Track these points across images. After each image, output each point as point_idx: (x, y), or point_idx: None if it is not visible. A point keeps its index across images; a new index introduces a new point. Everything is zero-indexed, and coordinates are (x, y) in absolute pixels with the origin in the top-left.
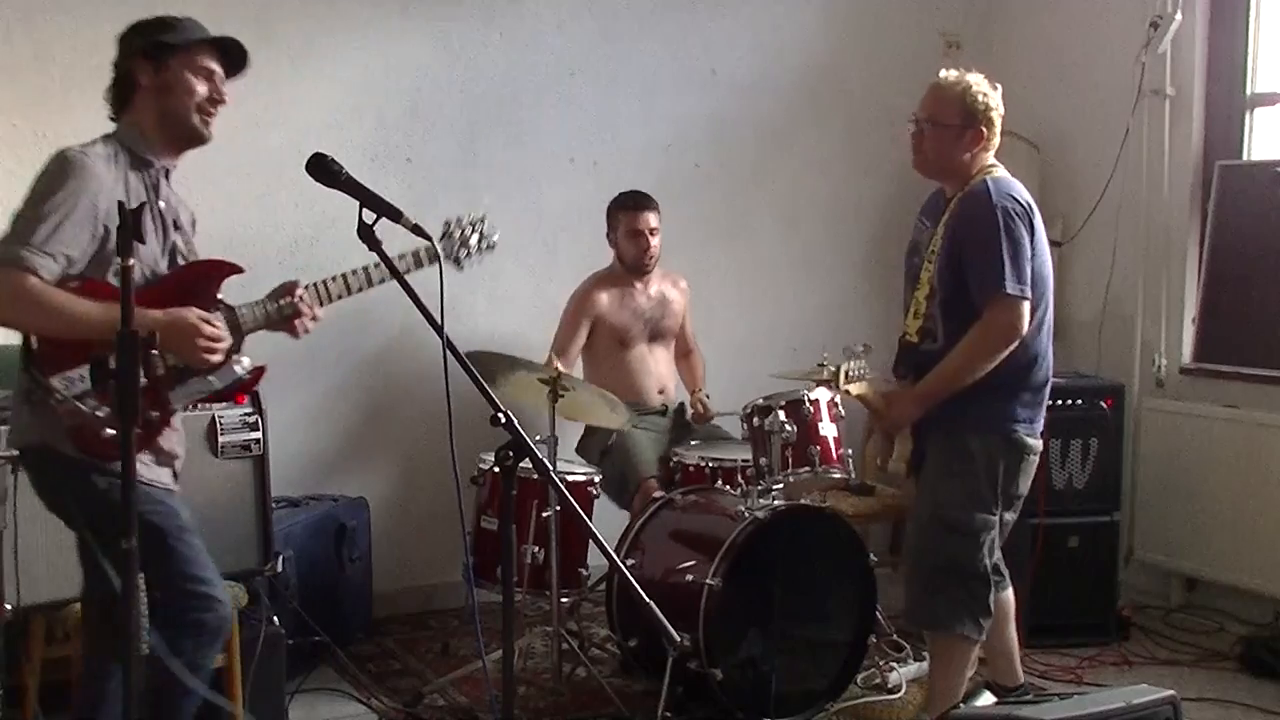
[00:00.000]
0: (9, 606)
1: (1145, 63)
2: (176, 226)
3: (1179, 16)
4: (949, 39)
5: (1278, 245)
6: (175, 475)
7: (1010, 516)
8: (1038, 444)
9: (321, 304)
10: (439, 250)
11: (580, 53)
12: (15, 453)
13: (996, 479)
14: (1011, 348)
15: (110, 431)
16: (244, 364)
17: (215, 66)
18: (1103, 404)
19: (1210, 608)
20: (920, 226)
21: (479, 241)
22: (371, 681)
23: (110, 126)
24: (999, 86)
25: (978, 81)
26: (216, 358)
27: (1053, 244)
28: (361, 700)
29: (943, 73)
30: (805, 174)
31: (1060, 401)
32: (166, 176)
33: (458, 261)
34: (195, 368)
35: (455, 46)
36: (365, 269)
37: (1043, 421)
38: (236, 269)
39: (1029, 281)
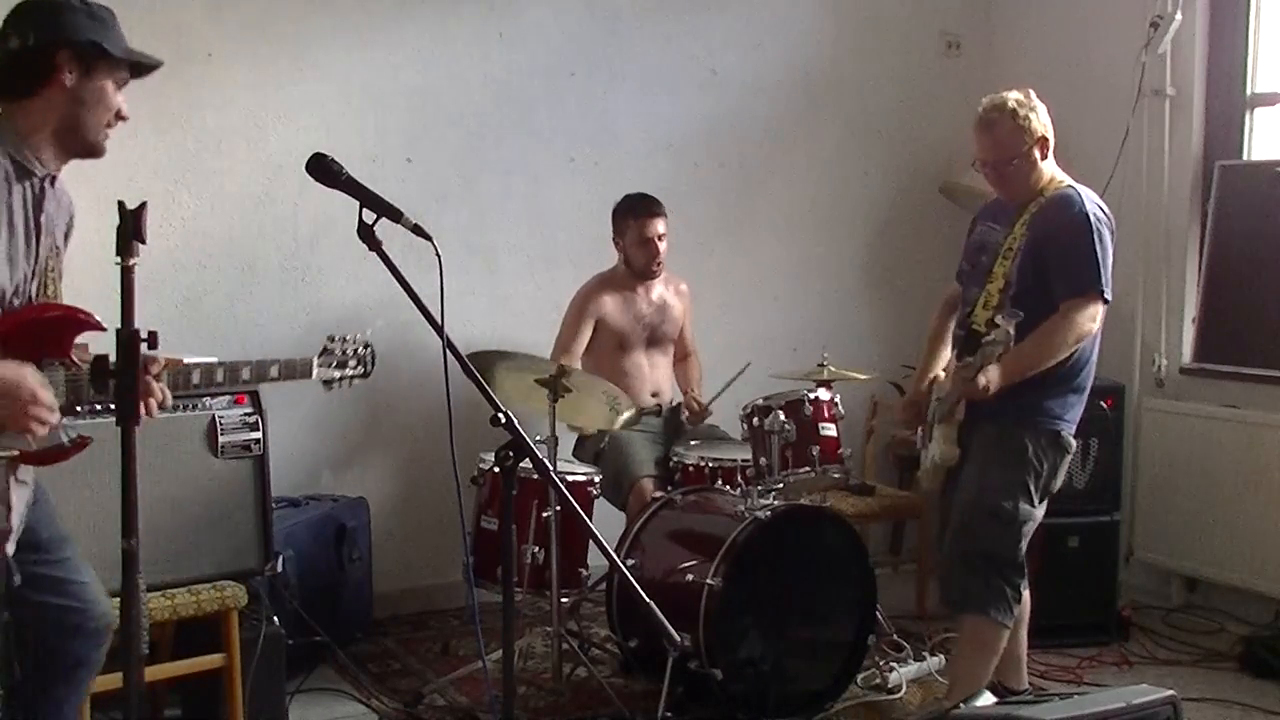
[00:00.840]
0: None
1: (1145, 63)
2: (54, 248)
3: (1179, 16)
4: (949, 39)
5: (1278, 245)
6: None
7: (1041, 514)
8: (1075, 445)
9: (175, 389)
10: (436, 248)
11: (580, 53)
12: (15, 452)
13: (1042, 473)
14: (1082, 345)
15: None
16: (68, 433)
17: (127, 77)
18: (1103, 404)
19: (1210, 608)
20: (987, 229)
21: (356, 367)
22: (371, 681)
23: None
24: (1029, 90)
25: (1015, 100)
26: (41, 430)
27: None
28: (361, 700)
29: (982, 107)
30: (805, 174)
31: None
32: (51, 183)
33: (326, 383)
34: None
35: (455, 46)
36: (231, 367)
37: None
38: (97, 327)
39: (1110, 288)
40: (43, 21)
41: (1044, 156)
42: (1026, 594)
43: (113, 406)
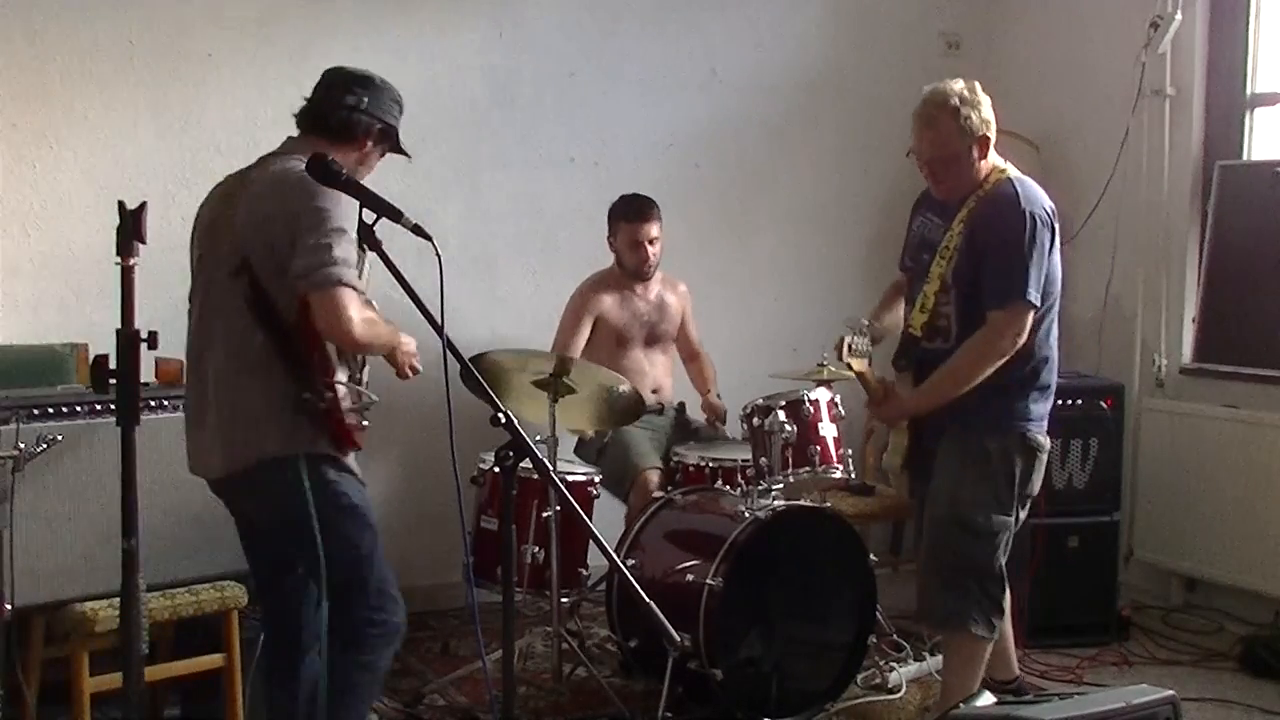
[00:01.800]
0: (9, 606)
1: (1145, 63)
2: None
3: (1179, 16)
4: (949, 39)
5: (1278, 245)
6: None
7: (1023, 514)
8: (1048, 443)
9: None
10: (436, 248)
11: (580, 53)
12: (15, 452)
13: (1014, 479)
14: (1009, 355)
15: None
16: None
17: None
18: (1103, 404)
19: (1210, 608)
20: (928, 223)
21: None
22: None
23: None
24: (974, 83)
25: (958, 96)
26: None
27: None
28: None
29: (923, 100)
30: (805, 174)
31: (1060, 401)
32: None
33: None
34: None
35: (455, 46)
36: None
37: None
38: None
39: (1042, 291)
40: (376, 95)
41: (983, 156)
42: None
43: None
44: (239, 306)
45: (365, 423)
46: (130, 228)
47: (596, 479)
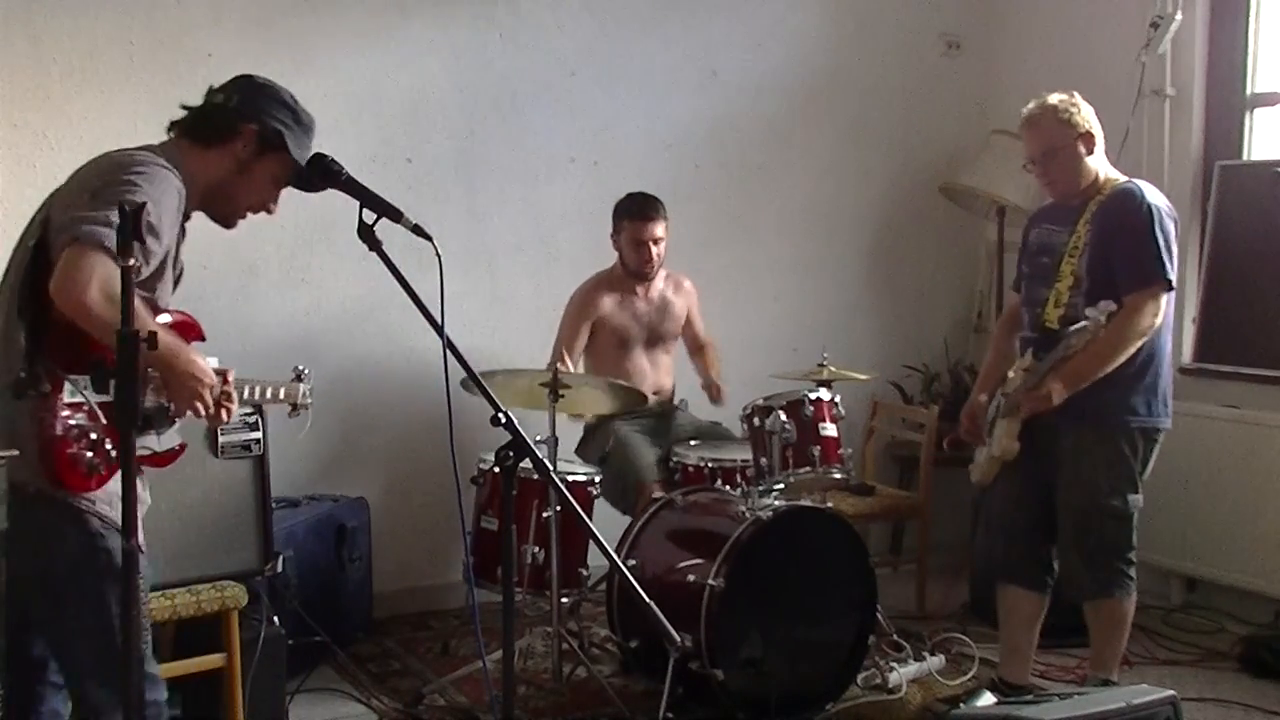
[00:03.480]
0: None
1: (1145, 63)
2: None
3: (1179, 16)
4: (949, 39)
5: (1278, 245)
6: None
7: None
8: (1168, 422)
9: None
10: (436, 248)
11: (580, 53)
12: (15, 452)
13: (1140, 465)
14: (1149, 335)
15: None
16: (175, 437)
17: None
18: None
19: (1210, 608)
20: (1045, 231)
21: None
22: (371, 681)
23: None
24: (1074, 92)
25: (1060, 100)
26: (200, 408)
27: None
28: (361, 700)
29: (1026, 109)
30: (805, 174)
31: None
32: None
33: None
34: (174, 414)
35: (455, 47)
36: (280, 388)
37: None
38: (201, 337)
39: (1175, 275)
40: (251, 94)
41: (1089, 151)
42: (1049, 591)
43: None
44: (18, 280)
45: (96, 461)
46: (130, 228)
47: (596, 479)
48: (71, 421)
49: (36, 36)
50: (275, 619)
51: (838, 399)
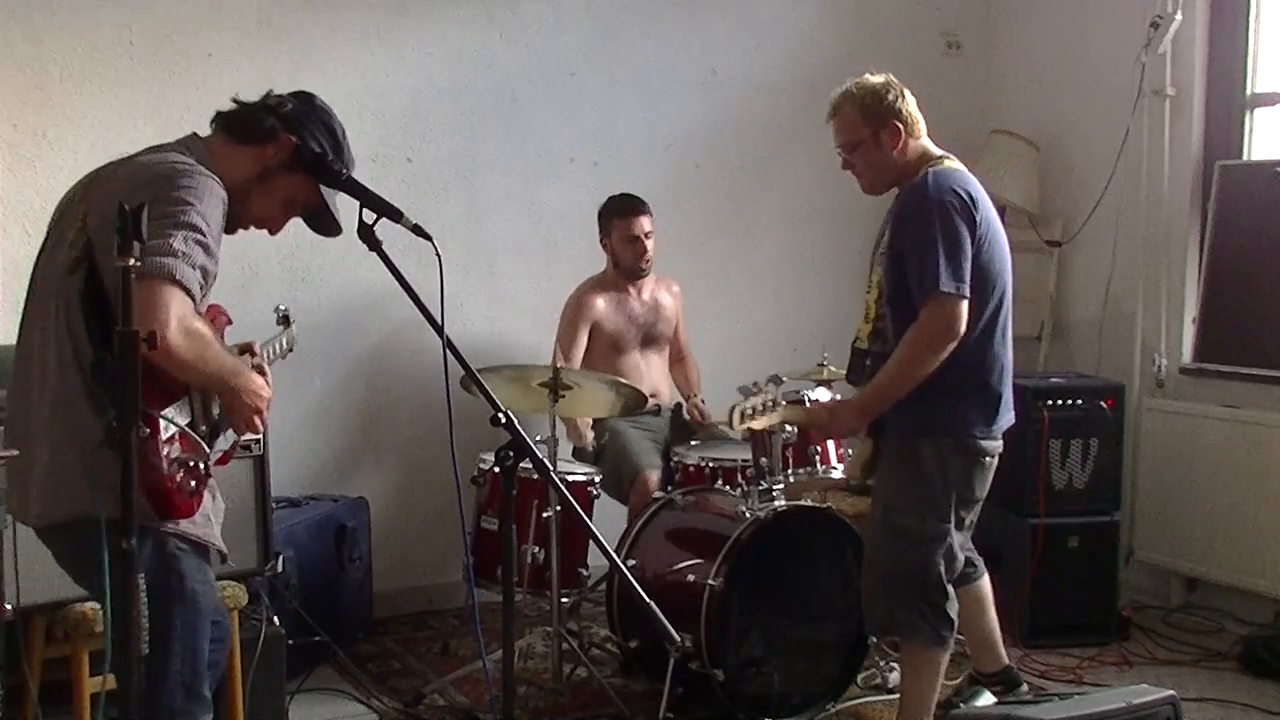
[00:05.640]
0: (9, 606)
1: (1145, 63)
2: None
3: (1179, 16)
4: (949, 39)
5: (1278, 245)
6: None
7: (970, 516)
8: (995, 445)
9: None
10: (436, 248)
11: (580, 53)
12: (15, 453)
13: (950, 484)
14: (951, 348)
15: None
16: (227, 439)
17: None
18: (1103, 404)
19: (1210, 608)
20: (883, 228)
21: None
22: (371, 681)
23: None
24: (890, 76)
25: (863, 83)
26: (259, 421)
27: (1052, 244)
28: (361, 700)
29: (832, 97)
30: (805, 174)
31: (1060, 401)
32: None
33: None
34: (233, 428)
35: (455, 47)
36: (281, 341)
37: (1007, 422)
38: (229, 321)
39: (967, 279)
40: (302, 108)
41: (895, 146)
42: (985, 579)
43: None
44: (73, 307)
45: (197, 485)
46: (130, 228)
47: (596, 479)
48: (173, 455)
49: (36, 36)
50: (275, 619)
51: (838, 399)
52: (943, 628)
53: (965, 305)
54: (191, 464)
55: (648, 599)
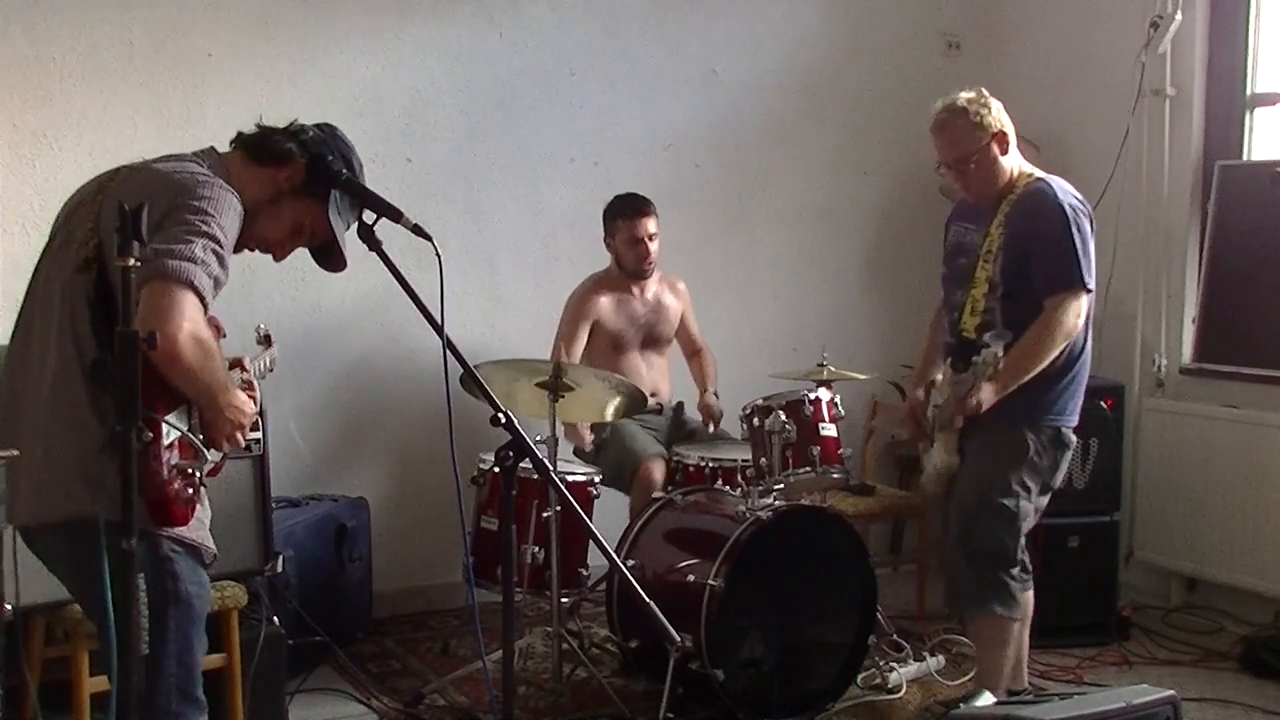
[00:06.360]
0: (9, 606)
1: (1145, 63)
2: None
3: (1179, 16)
4: (949, 39)
5: (1278, 245)
6: None
7: (1043, 506)
8: (1074, 439)
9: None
10: (436, 248)
11: (580, 53)
12: (15, 453)
13: (1042, 472)
14: (1073, 338)
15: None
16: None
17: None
18: (1103, 404)
19: (1210, 608)
20: (961, 230)
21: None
22: (371, 681)
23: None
24: (980, 89)
25: (969, 100)
26: (241, 443)
27: None
28: (361, 700)
29: (934, 111)
30: (805, 174)
31: None
32: None
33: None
34: (212, 444)
35: (455, 46)
36: (264, 360)
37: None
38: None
39: (1094, 276)
40: (324, 138)
41: (1004, 152)
42: (1030, 594)
43: None
44: (79, 309)
45: (193, 493)
46: (130, 228)
47: (596, 479)
48: (173, 462)
49: (36, 36)
50: (275, 619)
51: (837, 399)
52: (1018, 598)
53: (1090, 301)
54: (190, 472)
55: (648, 599)
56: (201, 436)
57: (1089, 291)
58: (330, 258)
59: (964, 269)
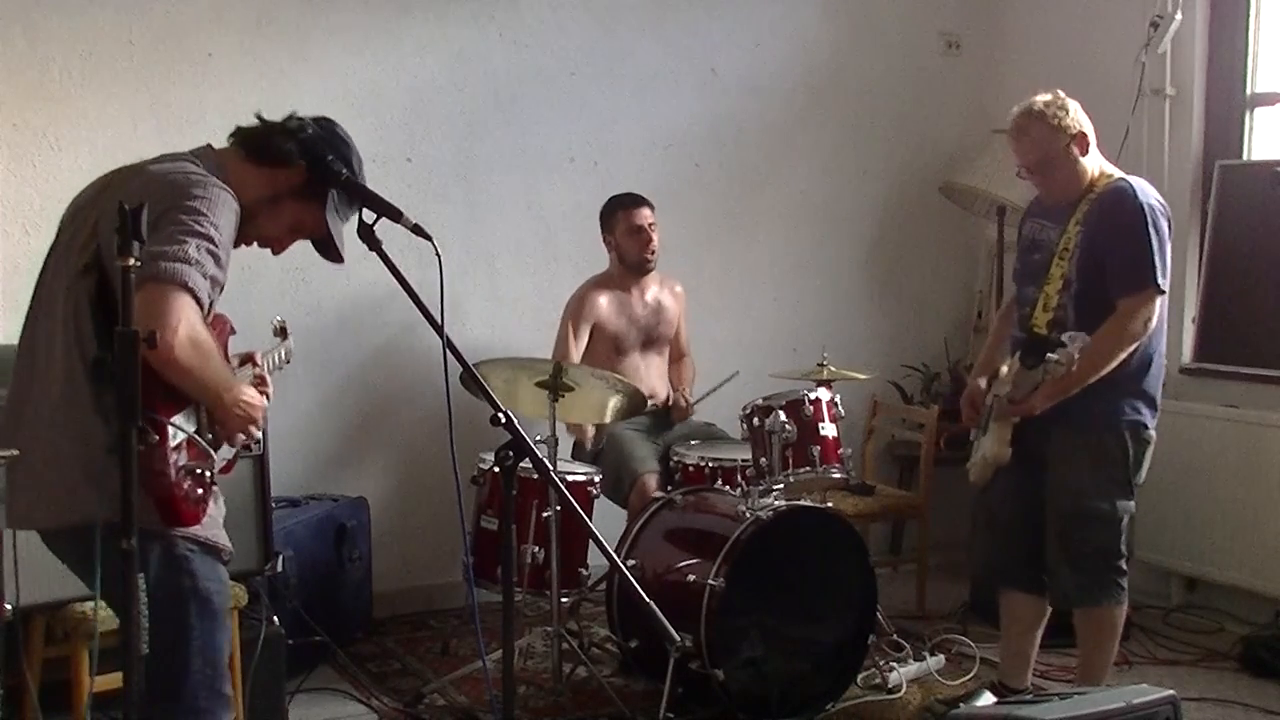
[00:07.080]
0: (9, 606)
1: (1145, 63)
2: None
3: (1179, 16)
4: (949, 39)
5: (1278, 245)
6: None
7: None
8: (1154, 436)
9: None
10: (436, 248)
11: (580, 52)
12: (15, 453)
13: (1129, 470)
14: (1142, 340)
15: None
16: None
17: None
18: None
19: (1210, 608)
20: (1037, 226)
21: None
22: (371, 681)
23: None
24: (1058, 91)
25: (1046, 104)
26: (255, 433)
27: None
28: (361, 700)
29: (1013, 115)
30: (805, 174)
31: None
32: None
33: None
34: (223, 440)
35: (455, 46)
36: (279, 353)
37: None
38: (231, 330)
39: (1169, 278)
40: (325, 136)
41: (1084, 153)
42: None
43: None
44: (83, 311)
45: (203, 493)
46: (130, 228)
47: (596, 479)
48: (180, 463)
49: (36, 36)
50: (275, 619)
51: (837, 399)
52: (1123, 589)
53: (1163, 302)
54: (198, 471)
55: (648, 599)
56: (212, 435)
57: (1162, 292)
58: (328, 250)
59: (1038, 265)
